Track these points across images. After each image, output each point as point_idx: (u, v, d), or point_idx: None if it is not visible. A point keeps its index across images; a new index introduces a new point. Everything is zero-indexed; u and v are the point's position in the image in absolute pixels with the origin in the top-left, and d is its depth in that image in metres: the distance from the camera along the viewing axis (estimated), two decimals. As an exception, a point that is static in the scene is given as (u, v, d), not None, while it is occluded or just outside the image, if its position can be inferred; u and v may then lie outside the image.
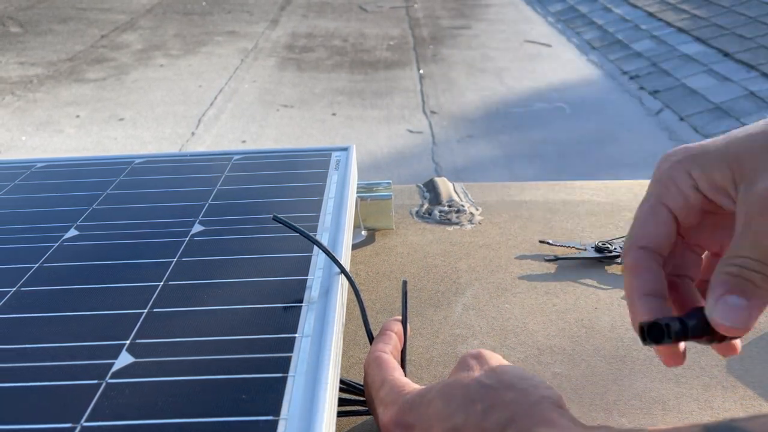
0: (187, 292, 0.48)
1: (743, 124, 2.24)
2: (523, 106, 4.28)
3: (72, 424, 0.36)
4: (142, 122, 4.17)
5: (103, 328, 0.44)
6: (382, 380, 0.43)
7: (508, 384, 0.38)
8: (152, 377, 0.39)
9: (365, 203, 0.75)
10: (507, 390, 0.38)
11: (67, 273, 0.52)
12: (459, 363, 0.42)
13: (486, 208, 0.82)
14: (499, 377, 0.39)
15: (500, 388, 0.38)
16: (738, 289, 0.34)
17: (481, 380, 0.39)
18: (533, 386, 0.38)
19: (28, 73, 5.14)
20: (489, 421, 0.36)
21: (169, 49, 5.77)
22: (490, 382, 0.39)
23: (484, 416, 0.37)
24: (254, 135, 3.95)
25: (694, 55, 4.60)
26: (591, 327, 0.59)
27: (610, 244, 0.70)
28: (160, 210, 0.62)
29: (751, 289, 0.33)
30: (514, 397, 0.37)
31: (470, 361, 0.42)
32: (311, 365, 0.39)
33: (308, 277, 0.49)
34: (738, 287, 0.34)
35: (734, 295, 0.34)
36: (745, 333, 0.34)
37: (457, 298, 0.63)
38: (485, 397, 0.38)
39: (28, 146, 3.83)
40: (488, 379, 0.39)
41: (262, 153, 0.75)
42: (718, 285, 0.34)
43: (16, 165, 0.75)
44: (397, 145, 3.71)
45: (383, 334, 0.48)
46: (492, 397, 0.38)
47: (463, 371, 0.41)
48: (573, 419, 0.36)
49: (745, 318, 0.33)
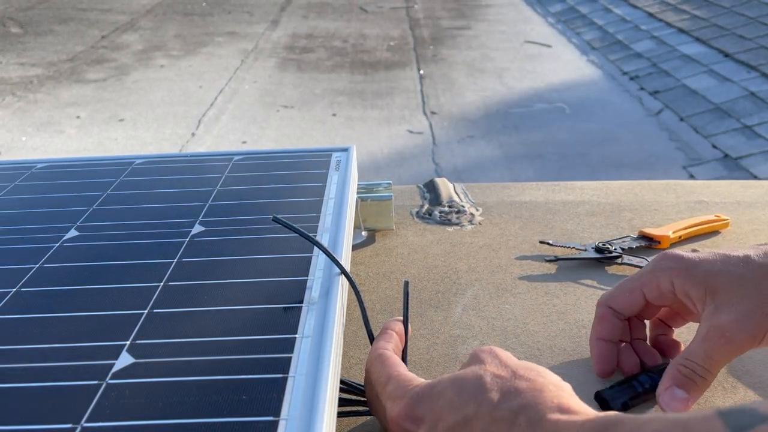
0: (187, 293, 0.48)
1: (743, 125, 2.23)
2: (523, 106, 4.28)
3: (72, 424, 0.36)
4: (142, 123, 4.18)
5: (103, 329, 0.44)
6: (387, 376, 0.43)
7: (520, 374, 0.39)
8: (153, 378, 0.39)
9: (365, 204, 0.75)
10: (519, 380, 0.38)
11: (67, 273, 0.52)
12: (471, 357, 0.43)
13: (486, 209, 0.82)
14: (511, 368, 0.40)
15: (512, 377, 0.39)
16: (684, 384, 0.46)
17: (494, 371, 0.39)
18: (544, 376, 0.39)
19: (29, 73, 5.15)
20: (501, 409, 0.37)
21: (170, 49, 5.78)
22: (502, 372, 0.39)
23: (496, 405, 0.37)
24: (255, 136, 3.95)
25: (694, 56, 4.60)
26: (591, 327, 0.58)
27: (611, 245, 0.70)
28: (161, 210, 0.62)
29: (692, 387, 0.46)
30: (527, 386, 0.37)
31: (482, 355, 0.42)
32: (311, 366, 0.39)
33: (308, 278, 0.49)
34: (684, 384, 0.46)
35: (681, 390, 0.46)
36: None
37: (458, 299, 0.63)
38: (497, 386, 0.38)
39: (28, 147, 3.83)
40: (500, 370, 0.39)
41: (262, 154, 0.75)
42: (669, 377, 0.47)
43: (16, 166, 0.75)
44: (397, 146, 3.71)
45: (384, 333, 0.48)
46: (504, 386, 0.38)
47: (475, 364, 0.41)
48: (583, 405, 0.36)
49: (683, 407, 0.46)
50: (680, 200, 0.83)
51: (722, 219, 0.75)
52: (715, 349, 0.46)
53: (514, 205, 0.83)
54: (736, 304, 0.46)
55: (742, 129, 3.52)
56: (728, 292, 0.46)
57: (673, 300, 0.50)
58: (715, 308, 0.46)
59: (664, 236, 0.71)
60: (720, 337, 0.45)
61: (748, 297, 0.46)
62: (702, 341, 0.46)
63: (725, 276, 0.47)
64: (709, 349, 0.46)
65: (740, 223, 0.77)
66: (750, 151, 3.31)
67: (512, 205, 0.83)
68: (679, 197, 0.84)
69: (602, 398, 0.49)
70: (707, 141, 3.52)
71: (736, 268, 0.47)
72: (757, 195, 0.85)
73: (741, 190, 0.86)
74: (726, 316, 0.46)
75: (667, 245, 0.71)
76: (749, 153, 3.29)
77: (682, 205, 0.81)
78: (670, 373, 0.47)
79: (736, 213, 0.79)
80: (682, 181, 0.89)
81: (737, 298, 0.46)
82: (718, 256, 0.48)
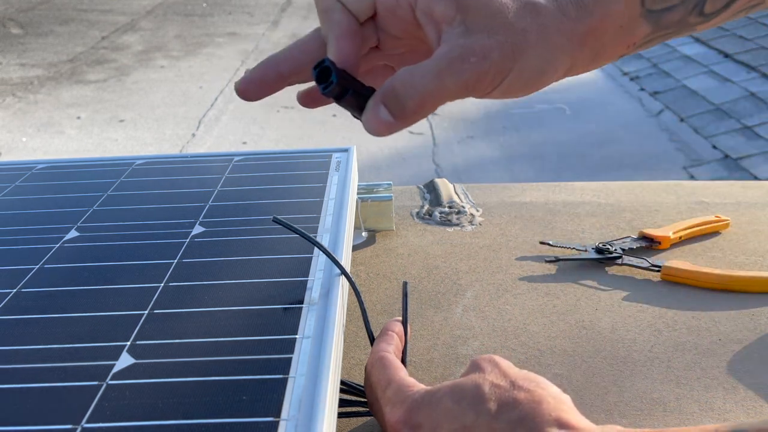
0: (187, 294, 0.48)
1: (744, 125, 2.24)
2: (523, 107, 4.28)
3: (72, 425, 0.36)
4: (142, 123, 4.18)
5: (103, 330, 0.44)
6: (388, 380, 0.43)
7: (519, 385, 0.39)
8: (153, 378, 0.39)
9: (366, 204, 0.75)
10: (518, 390, 0.38)
11: (67, 274, 0.52)
12: (470, 365, 0.42)
13: (486, 210, 0.82)
14: (510, 378, 0.39)
15: (511, 388, 0.38)
16: (392, 105, 0.36)
17: (493, 380, 0.39)
18: (544, 387, 0.38)
19: (29, 74, 5.15)
20: (499, 420, 0.36)
21: (170, 50, 5.78)
22: (501, 382, 0.39)
23: (495, 416, 0.37)
24: (255, 136, 3.95)
25: (694, 56, 4.60)
26: (591, 328, 0.59)
27: (611, 246, 0.70)
28: (161, 211, 0.62)
29: (401, 111, 0.37)
30: (525, 398, 0.37)
31: (483, 363, 0.42)
32: (312, 366, 0.39)
33: (309, 279, 0.49)
34: (393, 104, 0.36)
35: (386, 110, 0.36)
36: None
37: (458, 300, 0.63)
38: (496, 396, 0.38)
39: (29, 148, 3.83)
40: (500, 380, 0.39)
41: (262, 154, 0.75)
42: (382, 92, 0.37)
43: (16, 166, 0.75)
44: (397, 147, 3.71)
45: (385, 335, 0.48)
46: (503, 396, 0.38)
47: (475, 372, 0.41)
48: (583, 420, 0.36)
49: (383, 130, 0.37)
50: (680, 201, 0.83)
51: (722, 219, 0.75)
52: (451, 72, 0.36)
53: (515, 205, 0.83)
54: (489, 31, 0.36)
55: (742, 129, 3.52)
56: (481, 18, 0.37)
57: (406, 21, 0.39)
58: (465, 30, 0.36)
59: (664, 237, 0.71)
60: (462, 61, 0.36)
61: (503, 28, 0.37)
62: (438, 59, 0.36)
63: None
64: (445, 69, 0.36)
65: (740, 224, 0.77)
66: (750, 151, 3.31)
67: (512, 206, 0.83)
68: (680, 198, 0.84)
69: (326, 68, 0.37)
70: (707, 142, 3.52)
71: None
72: (757, 195, 0.85)
73: (741, 190, 0.86)
74: (479, 40, 0.36)
75: (667, 246, 0.71)
76: (749, 153, 3.29)
77: (683, 206, 0.81)
78: (384, 86, 0.37)
79: (736, 213, 0.79)
80: (682, 182, 0.89)
81: (492, 26, 0.36)
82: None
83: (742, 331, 0.58)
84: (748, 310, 0.61)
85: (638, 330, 0.58)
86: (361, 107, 0.38)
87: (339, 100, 0.38)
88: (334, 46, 0.39)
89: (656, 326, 0.59)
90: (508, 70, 0.37)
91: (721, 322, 0.59)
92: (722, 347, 0.56)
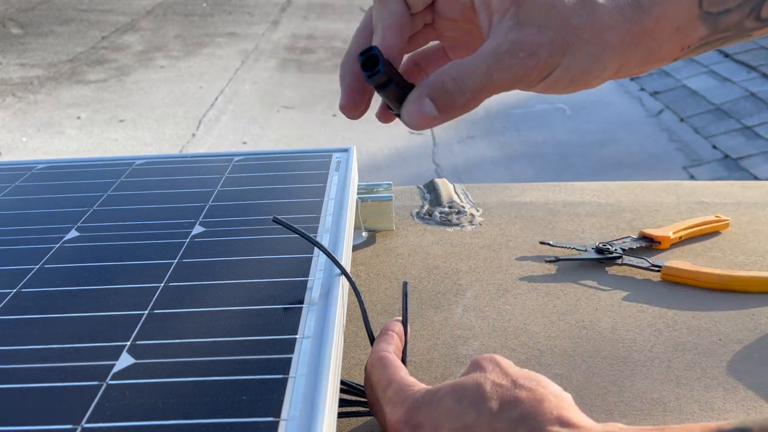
0: (187, 294, 0.48)
1: (744, 126, 2.24)
2: (523, 107, 4.28)
3: (72, 425, 0.36)
4: (142, 123, 4.18)
5: (103, 330, 0.44)
6: (388, 380, 0.43)
7: (521, 384, 0.39)
8: (153, 378, 0.39)
9: (366, 204, 0.75)
10: (519, 389, 0.38)
11: (67, 274, 0.52)
12: (471, 364, 0.42)
13: (486, 210, 0.82)
14: (511, 377, 0.39)
15: (513, 387, 0.38)
16: (440, 99, 0.36)
17: (494, 380, 0.39)
18: (545, 386, 0.38)
19: (29, 74, 5.15)
20: (501, 419, 0.36)
21: (170, 50, 5.78)
22: (502, 381, 0.39)
23: (496, 415, 0.37)
24: (255, 136, 3.95)
25: (694, 56, 4.60)
26: (591, 328, 0.59)
27: (611, 246, 0.70)
28: (161, 211, 0.62)
29: (448, 106, 0.36)
30: (527, 396, 0.37)
31: (484, 362, 0.42)
32: (312, 366, 0.39)
33: (309, 279, 0.49)
34: (440, 98, 0.36)
35: (432, 104, 0.36)
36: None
37: (458, 300, 0.63)
38: (497, 395, 0.38)
39: (29, 148, 3.83)
40: (501, 379, 0.39)
41: (262, 154, 0.75)
42: (427, 85, 0.36)
43: (16, 166, 0.75)
44: (397, 147, 3.71)
45: (385, 335, 0.48)
46: (504, 395, 0.38)
47: (476, 371, 0.41)
48: (584, 418, 0.36)
49: (425, 123, 0.37)
50: (680, 201, 0.83)
51: (722, 219, 0.75)
52: (500, 68, 0.36)
53: (515, 205, 0.83)
54: (540, 26, 0.36)
55: (742, 130, 3.52)
56: (535, 11, 0.36)
57: (464, 5, 0.39)
58: (516, 23, 0.36)
59: (664, 237, 0.71)
60: (510, 56, 0.36)
61: (556, 23, 0.36)
62: (487, 54, 0.36)
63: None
64: (494, 65, 0.36)
65: (740, 224, 0.77)
66: (750, 151, 3.31)
67: (513, 206, 0.83)
68: (680, 198, 0.84)
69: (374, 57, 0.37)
70: (707, 141, 3.52)
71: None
72: (757, 195, 0.85)
73: (741, 190, 0.86)
74: (528, 35, 0.36)
75: (667, 246, 0.71)
76: (749, 153, 3.29)
77: (683, 206, 0.81)
78: (432, 80, 0.37)
79: (736, 213, 0.79)
80: (682, 182, 0.89)
81: (544, 21, 0.36)
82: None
83: (742, 331, 0.58)
84: (748, 310, 0.61)
85: (638, 330, 0.58)
86: (400, 100, 0.38)
87: (381, 90, 0.38)
88: (381, 36, 0.39)
89: (656, 326, 0.59)
90: (556, 65, 0.37)
91: (721, 322, 0.59)
92: (722, 347, 0.56)
